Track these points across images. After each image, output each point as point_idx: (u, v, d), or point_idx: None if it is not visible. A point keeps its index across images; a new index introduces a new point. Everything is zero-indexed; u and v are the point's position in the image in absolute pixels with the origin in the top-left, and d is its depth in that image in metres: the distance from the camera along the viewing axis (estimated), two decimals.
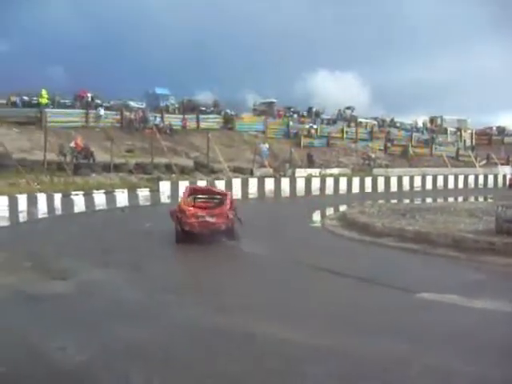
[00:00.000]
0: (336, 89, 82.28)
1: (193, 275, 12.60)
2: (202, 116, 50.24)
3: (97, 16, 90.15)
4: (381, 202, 32.58)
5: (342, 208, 28.36)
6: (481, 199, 36.44)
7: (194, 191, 19.50)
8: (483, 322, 8.78)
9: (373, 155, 53.52)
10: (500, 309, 9.50)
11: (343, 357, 7.11)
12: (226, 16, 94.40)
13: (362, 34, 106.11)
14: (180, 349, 7.44)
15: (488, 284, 11.72)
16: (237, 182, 36.40)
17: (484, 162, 59.44)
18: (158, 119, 46.43)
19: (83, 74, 70.98)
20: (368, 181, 44.02)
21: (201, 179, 36.04)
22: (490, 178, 52.16)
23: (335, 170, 47.50)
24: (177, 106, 51.83)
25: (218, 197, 18.82)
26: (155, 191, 32.06)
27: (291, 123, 55.56)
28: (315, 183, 40.87)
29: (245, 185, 36.64)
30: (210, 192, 20.31)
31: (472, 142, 68.04)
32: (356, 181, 43.23)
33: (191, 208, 17.22)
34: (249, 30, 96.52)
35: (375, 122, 63.56)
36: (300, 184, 39.96)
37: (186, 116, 48.95)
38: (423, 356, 7.05)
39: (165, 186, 32.70)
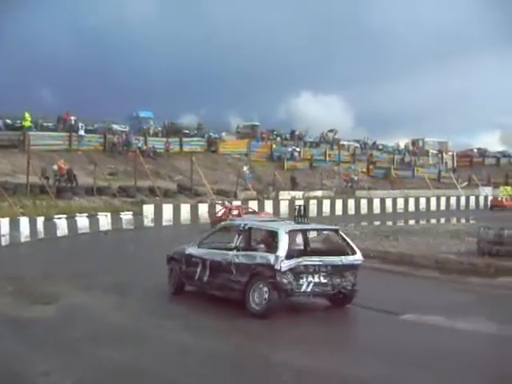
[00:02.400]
0: (319, 112, 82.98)
1: (178, 299, 12.54)
2: (185, 139, 50.38)
3: (81, 39, 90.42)
4: (364, 224, 32.73)
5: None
6: (463, 221, 36.77)
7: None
8: (466, 344, 8.85)
9: (355, 177, 53.86)
10: (483, 330, 9.60)
11: (328, 380, 7.15)
12: (210, 39, 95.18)
13: (345, 57, 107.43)
14: (172, 374, 7.38)
15: (471, 305, 11.83)
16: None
17: (465, 183, 60.05)
18: (141, 142, 46.43)
19: (67, 97, 70.97)
20: (351, 203, 44.29)
21: (184, 202, 35.98)
22: (472, 199, 52.68)
23: (318, 193, 47.69)
24: (160, 129, 51.90)
25: None
26: (138, 215, 31.97)
27: (274, 146, 55.89)
28: None
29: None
30: None
31: (453, 163, 68.78)
32: (339, 203, 43.49)
33: None
34: (233, 53, 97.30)
35: (358, 145, 64.09)
36: (283, 206, 40.04)
37: (169, 139, 49.02)
38: (409, 379, 7.10)
39: (148, 210, 32.65)
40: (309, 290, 10.66)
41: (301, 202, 27.36)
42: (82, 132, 44.22)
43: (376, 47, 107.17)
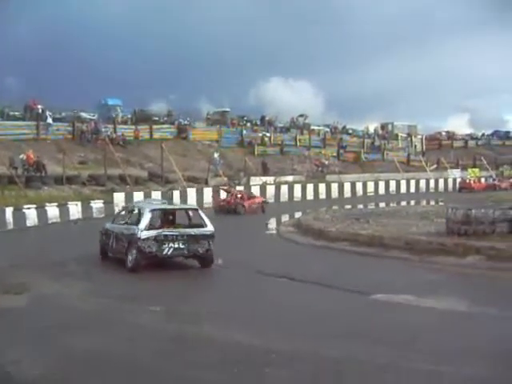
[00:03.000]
0: (289, 97, 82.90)
1: (148, 284, 12.56)
2: (155, 126, 49.98)
3: (48, 26, 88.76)
4: (335, 207, 32.97)
5: (297, 214, 28.58)
6: (432, 202, 37.23)
7: None
8: (436, 321, 8.99)
9: (326, 162, 54.06)
10: (451, 308, 9.77)
11: (304, 360, 7.21)
12: (179, 25, 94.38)
13: (315, 42, 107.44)
14: (141, 358, 7.39)
15: (440, 284, 12.00)
16: (192, 192, 36.32)
17: (434, 166, 60.69)
18: (110, 130, 45.95)
19: (34, 85, 69.72)
20: (322, 187, 44.51)
21: (155, 190, 35.80)
22: (441, 181, 53.42)
23: (290, 178, 47.83)
24: (129, 116, 51.44)
25: None
26: (109, 203, 31.67)
27: (245, 132, 55.75)
28: (270, 191, 41.13)
29: (200, 194, 36.58)
30: None
31: (422, 147, 69.47)
32: (310, 187, 43.68)
33: None
34: (202, 39, 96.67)
35: (328, 130, 64.29)
36: (255, 192, 40.10)
37: (138, 126, 48.62)
38: (380, 356, 7.19)
39: (119, 198, 32.33)
40: (169, 253, 14.15)
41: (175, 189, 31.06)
42: (49, 120, 43.51)
43: (346, 32, 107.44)
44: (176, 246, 14.09)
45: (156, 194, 33.56)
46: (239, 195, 34.00)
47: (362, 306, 10.18)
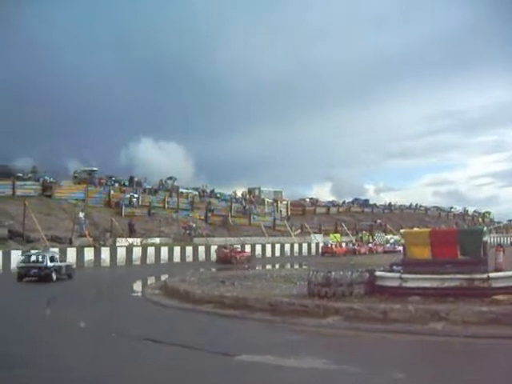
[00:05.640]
0: (159, 159, 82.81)
1: (14, 348, 11.88)
2: (18, 183, 48.13)
3: None
4: (202, 270, 33.08)
5: (164, 277, 28.40)
6: (296, 266, 38.33)
7: None
8: (295, 380, 9.27)
9: (194, 225, 54.36)
10: (311, 366, 10.10)
11: None
12: (46, 80, 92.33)
13: (186, 109, 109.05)
14: None
15: (301, 344, 12.38)
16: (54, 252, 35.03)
17: (298, 231, 62.77)
18: None
19: None
20: (189, 250, 44.64)
21: (16, 249, 34.27)
22: (305, 246, 55.33)
23: (157, 240, 47.56)
24: None
25: None
26: None
27: (112, 192, 55.02)
28: (136, 252, 40.67)
29: (63, 254, 35.39)
30: None
31: (287, 212, 71.71)
32: (177, 250, 43.65)
33: None
34: (71, 96, 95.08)
35: (196, 193, 64.89)
36: (121, 253, 39.50)
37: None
38: None
39: None
40: (32, 274, 26.82)
41: None
42: None
43: (216, 102, 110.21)
44: (34, 271, 26.82)
45: (16, 254, 32.32)
46: (233, 251, 45.67)
47: (226, 367, 10.27)
